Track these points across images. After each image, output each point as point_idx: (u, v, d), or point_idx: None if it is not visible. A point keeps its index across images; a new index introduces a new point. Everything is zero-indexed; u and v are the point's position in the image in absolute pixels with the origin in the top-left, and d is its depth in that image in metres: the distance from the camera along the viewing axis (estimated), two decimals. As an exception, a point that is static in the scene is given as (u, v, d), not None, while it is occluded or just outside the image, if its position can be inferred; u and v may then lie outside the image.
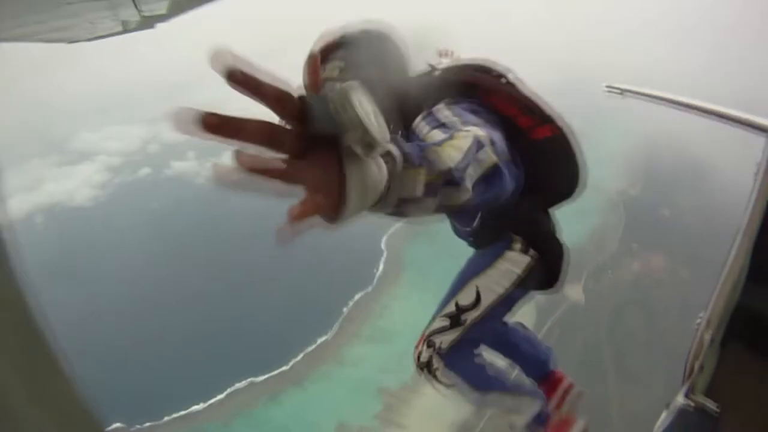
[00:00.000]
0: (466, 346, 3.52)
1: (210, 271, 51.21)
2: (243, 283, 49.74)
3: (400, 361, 41.94)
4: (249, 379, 41.13)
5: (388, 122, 1.31)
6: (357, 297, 48.31)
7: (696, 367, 4.14)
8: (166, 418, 38.31)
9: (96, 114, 77.99)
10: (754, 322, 4.27)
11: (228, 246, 54.36)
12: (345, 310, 47.12)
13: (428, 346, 3.50)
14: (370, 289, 49.24)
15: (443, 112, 2.47)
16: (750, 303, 4.15)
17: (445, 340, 3.43)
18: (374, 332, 45.28)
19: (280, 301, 47.86)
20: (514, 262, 3.35)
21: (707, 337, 3.93)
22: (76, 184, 62.98)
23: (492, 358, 3.77)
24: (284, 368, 42.26)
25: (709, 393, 4.27)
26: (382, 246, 53.87)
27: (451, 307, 3.49)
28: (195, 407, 39.14)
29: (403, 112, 2.75)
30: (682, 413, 4.21)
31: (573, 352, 42.22)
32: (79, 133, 73.45)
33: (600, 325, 44.18)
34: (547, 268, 3.42)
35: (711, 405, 4.17)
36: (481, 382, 3.61)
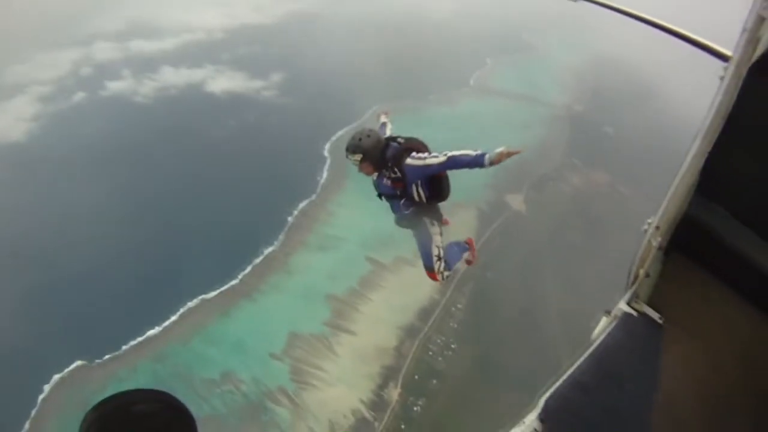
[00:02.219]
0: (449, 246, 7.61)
1: (152, 191, 50.13)
2: (185, 200, 48.99)
3: (347, 268, 42.57)
4: (200, 297, 41.13)
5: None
6: (302, 205, 47.92)
7: (641, 274, 4.16)
8: (124, 347, 38.49)
9: (26, 44, 73.45)
10: (700, 234, 4.29)
11: (170, 162, 53.25)
12: (290, 219, 46.82)
13: (439, 259, 7.23)
14: (314, 197, 48.77)
15: (424, 153, 6.58)
16: (697, 215, 4.20)
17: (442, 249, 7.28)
18: (321, 240, 45.30)
19: (224, 215, 47.20)
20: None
21: (655, 243, 3.95)
22: (9, 120, 59.98)
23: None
24: (234, 282, 42.26)
25: (652, 302, 4.29)
26: (325, 153, 53.20)
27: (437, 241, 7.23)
28: (151, 331, 39.25)
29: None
30: (626, 319, 4.21)
31: (514, 258, 43.42)
32: (9, 67, 69.21)
33: (541, 233, 44.83)
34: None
35: (655, 314, 4.21)
36: (454, 255, 7.71)
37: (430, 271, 7.23)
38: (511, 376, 34.72)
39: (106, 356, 37.90)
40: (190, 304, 40.84)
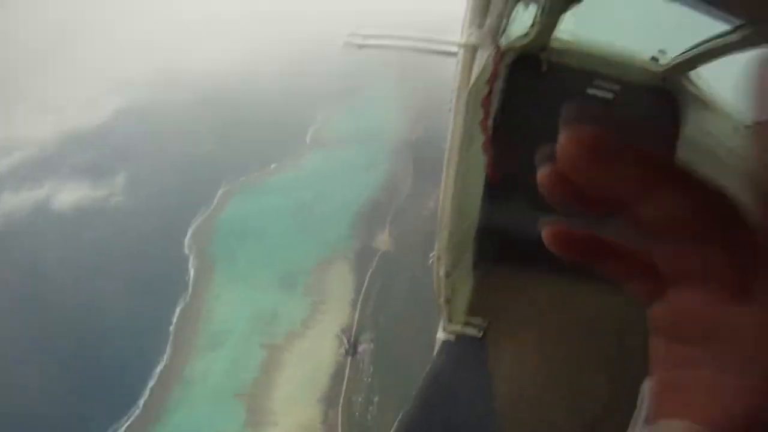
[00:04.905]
0: None
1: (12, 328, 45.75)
2: (54, 339, 45.13)
3: (244, 360, 41.95)
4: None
5: None
6: (178, 310, 46.40)
7: (442, 302, 4.24)
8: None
9: None
10: (498, 239, 4.54)
11: (30, 298, 48.72)
12: (171, 328, 45.21)
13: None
14: (188, 298, 47.34)
15: None
16: (491, 223, 4.44)
17: None
18: (209, 339, 44.04)
19: (100, 344, 44.62)
20: None
21: (441, 272, 3.97)
22: None
23: None
24: (137, 411, 40.25)
25: (470, 317, 4.52)
26: (186, 249, 51.89)
27: None
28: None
29: None
30: (446, 346, 4.44)
31: (400, 296, 44.36)
32: None
33: (416, 262, 44.88)
34: None
35: (472, 329, 4.42)
36: None
37: None
38: None
39: None
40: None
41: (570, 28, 4.47)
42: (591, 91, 4.54)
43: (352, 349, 40.85)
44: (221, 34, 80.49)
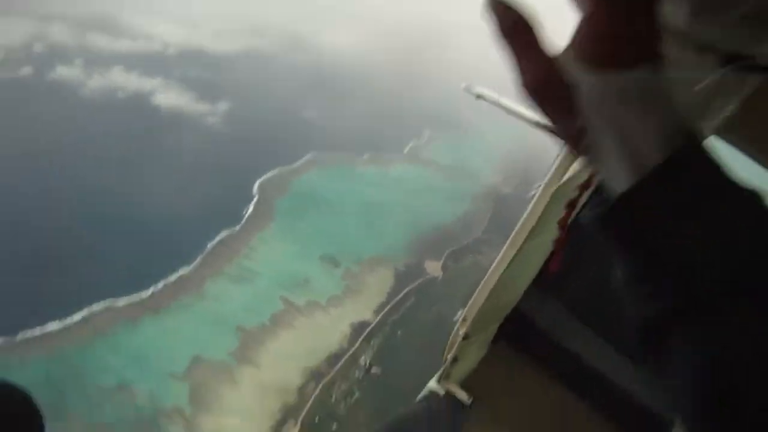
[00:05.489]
0: None
1: (78, 189, 48.59)
2: (109, 206, 47.62)
3: (260, 303, 42.36)
4: (108, 302, 40.18)
5: None
6: (223, 234, 47.62)
7: (449, 357, 4.24)
8: (19, 336, 37.06)
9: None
10: (530, 328, 4.63)
11: (101, 161, 51.79)
12: (209, 245, 46.40)
13: None
14: (237, 228, 48.63)
15: None
16: (528, 308, 4.46)
17: None
18: (238, 271, 45.04)
19: (143, 225, 46.24)
20: None
21: (461, 332, 4.00)
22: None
23: None
24: (144, 295, 41.50)
25: (467, 384, 4.50)
26: (254, 190, 53.31)
27: None
28: (52, 326, 37.89)
29: None
30: (432, 396, 4.42)
31: (425, 319, 44.40)
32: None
33: (453, 299, 44.13)
34: None
35: (462, 395, 4.40)
36: None
37: None
38: None
39: (-1, 339, 36.44)
40: (96, 308, 39.74)
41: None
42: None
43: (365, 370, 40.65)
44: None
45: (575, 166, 2.98)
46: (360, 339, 41.96)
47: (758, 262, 0.73)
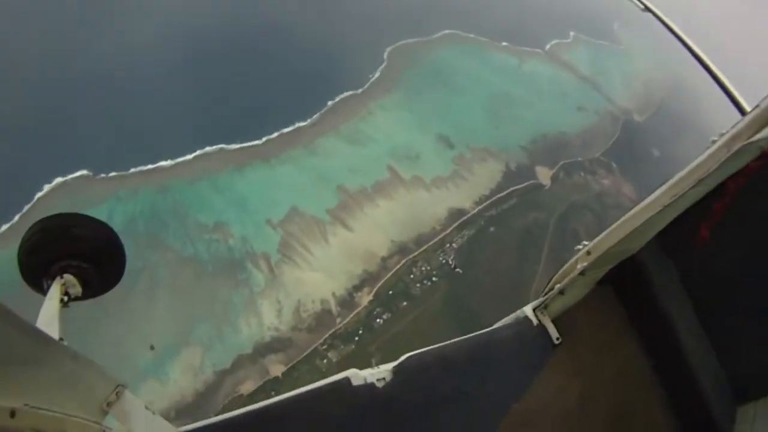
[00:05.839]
0: None
1: (210, 29, 48.83)
2: (237, 52, 47.48)
3: (367, 167, 41.61)
4: (219, 146, 40.55)
5: None
6: (345, 95, 46.50)
7: (556, 288, 3.88)
8: (132, 169, 38.17)
9: None
10: (638, 281, 4.09)
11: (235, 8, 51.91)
12: (330, 103, 45.51)
13: None
14: (360, 91, 47.23)
15: None
16: (644, 260, 4.00)
17: None
18: (352, 133, 44.08)
19: (266, 76, 45.81)
20: None
21: (579, 266, 3.69)
22: None
23: None
24: (256, 142, 41.55)
25: (559, 321, 4.10)
26: (385, 55, 51.28)
27: None
28: (163, 163, 38.81)
29: None
30: (522, 322, 4.08)
31: (519, 224, 42.35)
32: None
33: (552, 211, 43.59)
34: None
35: (554, 333, 4.04)
36: None
37: None
38: (476, 329, 33.82)
39: (112, 173, 37.68)
40: (209, 149, 40.29)
41: None
42: None
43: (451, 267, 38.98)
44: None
45: None
46: (452, 226, 40.37)
47: None
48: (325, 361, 33.07)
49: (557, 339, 3.98)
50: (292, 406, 3.16)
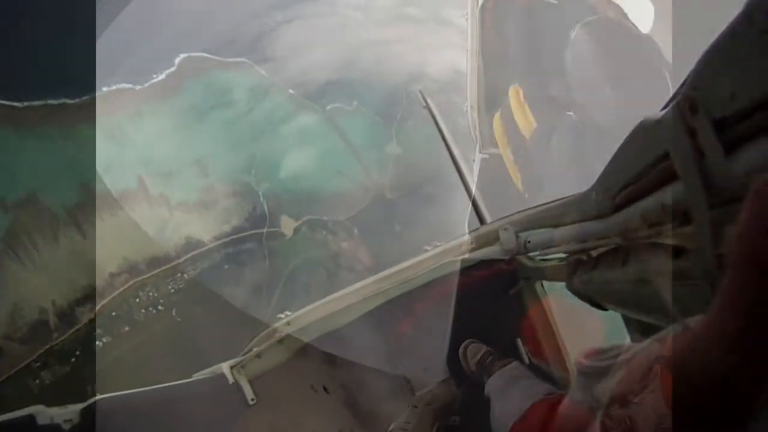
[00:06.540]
0: None
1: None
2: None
3: (119, 171, 36.69)
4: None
5: None
6: (122, 86, 42.52)
7: (254, 351, 3.90)
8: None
9: None
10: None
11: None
12: (105, 89, 41.71)
13: None
14: (137, 87, 44.24)
15: None
16: None
17: None
18: (115, 129, 38.11)
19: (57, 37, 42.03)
20: None
21: (277, 335, 3.82)
22: None
23: None
24: (16, 104, 37.38)
25: (258, 379, 4.02)
26: (176, 61, 49.18)
27: None
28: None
29: None
30: (219, 380, 3.84)
31: (257, 266, 38.90)
32: None
33: (288, 261, 38.81)
34: None
35: (249, 392, 3.91)
36: None
37: None
38: (199, 366, 33.02)
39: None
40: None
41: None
42: None
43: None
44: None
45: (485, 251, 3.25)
46: (188, 255, 39.56)
47: None
48: (37, 381, 30.76)
49: (252, 399, 3.82)
50: None
